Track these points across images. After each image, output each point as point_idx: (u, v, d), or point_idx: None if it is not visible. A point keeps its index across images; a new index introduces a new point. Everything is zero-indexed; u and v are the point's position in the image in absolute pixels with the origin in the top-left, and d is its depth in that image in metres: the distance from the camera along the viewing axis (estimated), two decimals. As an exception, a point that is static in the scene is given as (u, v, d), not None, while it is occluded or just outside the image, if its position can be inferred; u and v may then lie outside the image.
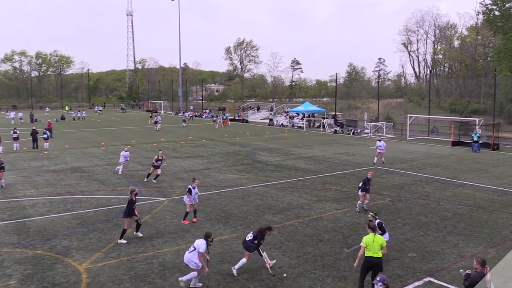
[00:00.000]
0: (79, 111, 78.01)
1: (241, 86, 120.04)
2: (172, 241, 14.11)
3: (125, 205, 14.21)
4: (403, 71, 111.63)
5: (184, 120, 60.43)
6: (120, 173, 24.73)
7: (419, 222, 16.25)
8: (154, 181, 22.38)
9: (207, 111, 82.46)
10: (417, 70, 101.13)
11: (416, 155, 32.53)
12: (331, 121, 56.82)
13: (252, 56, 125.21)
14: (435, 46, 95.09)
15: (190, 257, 10.83)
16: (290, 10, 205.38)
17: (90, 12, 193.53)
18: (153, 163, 22.76)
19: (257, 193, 20.45)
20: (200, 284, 11.07)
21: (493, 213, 17.49)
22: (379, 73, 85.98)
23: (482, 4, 55.77)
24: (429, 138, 45.18)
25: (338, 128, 53.07)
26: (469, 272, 8.54)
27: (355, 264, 10.54)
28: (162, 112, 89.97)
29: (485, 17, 60.24)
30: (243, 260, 11.63)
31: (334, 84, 75.77)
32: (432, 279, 11.42)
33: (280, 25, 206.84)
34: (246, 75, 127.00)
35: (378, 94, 59.47)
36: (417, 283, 11.22)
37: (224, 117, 64.17)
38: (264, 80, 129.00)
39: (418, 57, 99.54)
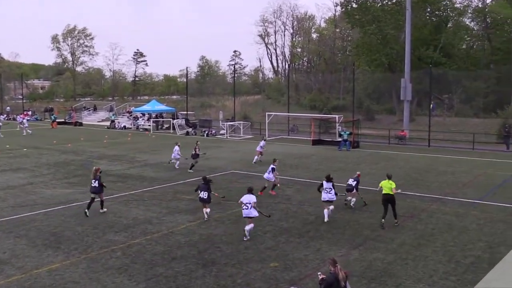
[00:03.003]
0: None
1: (73, 82, 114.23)
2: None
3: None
4: (260, 65, 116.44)
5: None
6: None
7: (281, 228, 17.16)
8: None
9: (29, 112, 76.81)
10: (275, 64, 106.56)
11: (275, 156, 34.22)
12: (182, 121, 57.12)
13: (86, 46, 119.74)
14: (293, 39, 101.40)
15: (250, 212, 15.65)
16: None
17: None
18: None
19: (95, 209, 19.67)
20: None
21: (355, 213, 19.24)
22: (234, 67, 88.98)
23: (340, -5, 61.23)
24: (289, 138, 48.03)
25: (190, 130, 53.57)
26: (323, 277, 9.39)
27: None
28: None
29: (343, 9, 66.21)
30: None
31: (185, 80, 76.43)
32: (295, 289, 12.14)
33: (119, 11, 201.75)
34: (79, 69, 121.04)
35: (234, 90, 61.36)
36: (280, 295, 11.83)
37: (53, 119, 60.59)
38: (102, 75, 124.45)
39: (276, 50, 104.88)
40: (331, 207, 18.28)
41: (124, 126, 59.82)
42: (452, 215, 18.96)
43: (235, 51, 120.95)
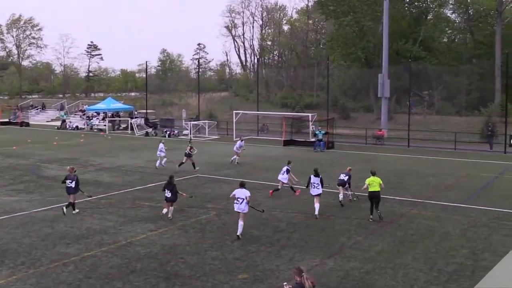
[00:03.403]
0: None
1: (19, 77, 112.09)
2: None
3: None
4: (227, 60, 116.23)
5: None
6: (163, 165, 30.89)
7: (251, 236, 17.19)
8: None
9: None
10: (243, 58, 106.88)
11: (244, 159, 34.33)
12: (142, 121, 56.69)
13: (34, 38, 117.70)
14: (263, 31, 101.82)
15: (242, 207, 16.84)
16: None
17: None
18: None
19: (44, 219, 19.39)
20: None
21: (329, 219, 19.41)
22: (198, 61, 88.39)
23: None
24: (259, 138, 48.17)
25: (150, 130, 53.21)
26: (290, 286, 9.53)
27: None
28: None
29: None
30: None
31: (144, 75, 75.91)
32: (266, 302, 12.17)
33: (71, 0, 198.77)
34: (25, 63, 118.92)
35: (198, 87, 61.19)
36: (249, 309, 11.84)
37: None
38: (51, 70, 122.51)
39: (244, 43, 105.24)
40: (317, 204, 19.86)
41: (77, 127, 58.96)
42: (434, 220, 19.30)
43: (199, 44, 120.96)
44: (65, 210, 19.95)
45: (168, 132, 51.18)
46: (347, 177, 21.87)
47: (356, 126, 52.24)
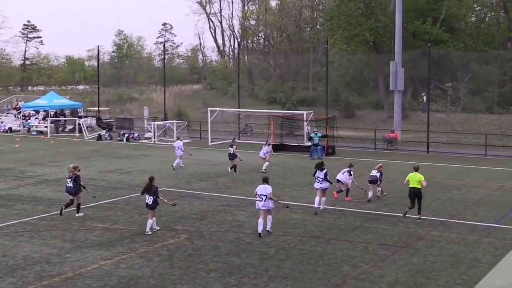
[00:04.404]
0: None
1: None
2: None
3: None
4: (200, 44, 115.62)
5: None
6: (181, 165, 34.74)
7: (230, 265, 17.16)
8: None
9: None
10: (220, 42, 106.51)
11: (222, 168, 34.29)
12: (93, 121, 56.44)
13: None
14: (245, 7, 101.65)
15: (267, 204, 19.74)
16: None
17: None
18: None
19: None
20: None
21: (329, 243, 19.45)
22: (164, 45, 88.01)
23: None
24: (241, 142, 48.09)
25: (103, 132, 53.00)
26: None
27: None
28: None
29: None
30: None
31: (96, 64, 75.37)
32: None
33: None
34: None
35: (164, 78, 60.94)
36: None
37: None
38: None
39: (221, 22, 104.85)
40: (323, 198, 23.71)
41: (10, 128, 58.69)
42: (460, 244, 19.43)
43: (164, 24, 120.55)
44: (64, 209, 22.90)
45: (126, 135, 51.05)
46: (378, 173, 25.94)
47: (362, 127, 52.45)
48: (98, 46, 69.11)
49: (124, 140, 49.90)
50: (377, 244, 19.15)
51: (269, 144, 35.60)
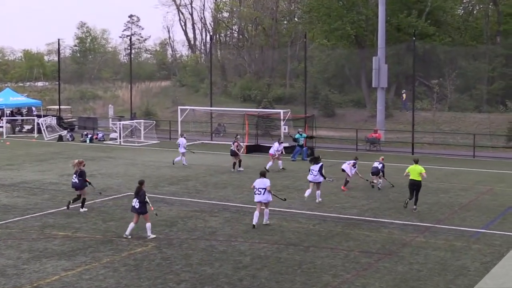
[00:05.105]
0: None
1: None
2: None
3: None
4: (169, 37, 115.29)
5: None
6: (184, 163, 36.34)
7: (202, 275, 17.11)
8: None
9: None
10: (191, 35, 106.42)
11: (193, 171, 34.22)
12: (53, 120, 56.02)
13: None
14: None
15: (265, 197, 21.67)
16: None
17: None
18: None
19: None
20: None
21: (308, 251, 19.46)
22: (130, 39, 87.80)
23: None
24: (213, 143, 48.16)
25: (65, 133, 52.66)
26: None
27: None
28: None
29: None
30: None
31: (56, 59, 74.89)
32: None
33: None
34: None
35: (130, 74, 60.70)
36: None
37: None
38: None
39: (192, 15, 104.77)
40: (318, 191, 26.11)
41: (-38, 129, 58.05)
42: (447, 251, 19.54)
43: (131, 16, 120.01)
44: (71, 203, 24.60)
45: (89, 136, 50.75)
46: (380, 165, 29.30)
47: (343, 127, 52.66)
48: (58, 40, 68.84)
49: (87, 141, 49.59)
50: (359, 252, 19.21)
51: (282, 142, 37.20)
